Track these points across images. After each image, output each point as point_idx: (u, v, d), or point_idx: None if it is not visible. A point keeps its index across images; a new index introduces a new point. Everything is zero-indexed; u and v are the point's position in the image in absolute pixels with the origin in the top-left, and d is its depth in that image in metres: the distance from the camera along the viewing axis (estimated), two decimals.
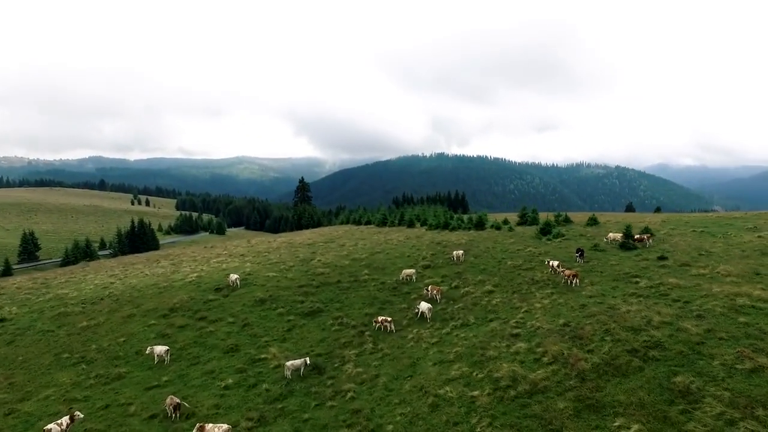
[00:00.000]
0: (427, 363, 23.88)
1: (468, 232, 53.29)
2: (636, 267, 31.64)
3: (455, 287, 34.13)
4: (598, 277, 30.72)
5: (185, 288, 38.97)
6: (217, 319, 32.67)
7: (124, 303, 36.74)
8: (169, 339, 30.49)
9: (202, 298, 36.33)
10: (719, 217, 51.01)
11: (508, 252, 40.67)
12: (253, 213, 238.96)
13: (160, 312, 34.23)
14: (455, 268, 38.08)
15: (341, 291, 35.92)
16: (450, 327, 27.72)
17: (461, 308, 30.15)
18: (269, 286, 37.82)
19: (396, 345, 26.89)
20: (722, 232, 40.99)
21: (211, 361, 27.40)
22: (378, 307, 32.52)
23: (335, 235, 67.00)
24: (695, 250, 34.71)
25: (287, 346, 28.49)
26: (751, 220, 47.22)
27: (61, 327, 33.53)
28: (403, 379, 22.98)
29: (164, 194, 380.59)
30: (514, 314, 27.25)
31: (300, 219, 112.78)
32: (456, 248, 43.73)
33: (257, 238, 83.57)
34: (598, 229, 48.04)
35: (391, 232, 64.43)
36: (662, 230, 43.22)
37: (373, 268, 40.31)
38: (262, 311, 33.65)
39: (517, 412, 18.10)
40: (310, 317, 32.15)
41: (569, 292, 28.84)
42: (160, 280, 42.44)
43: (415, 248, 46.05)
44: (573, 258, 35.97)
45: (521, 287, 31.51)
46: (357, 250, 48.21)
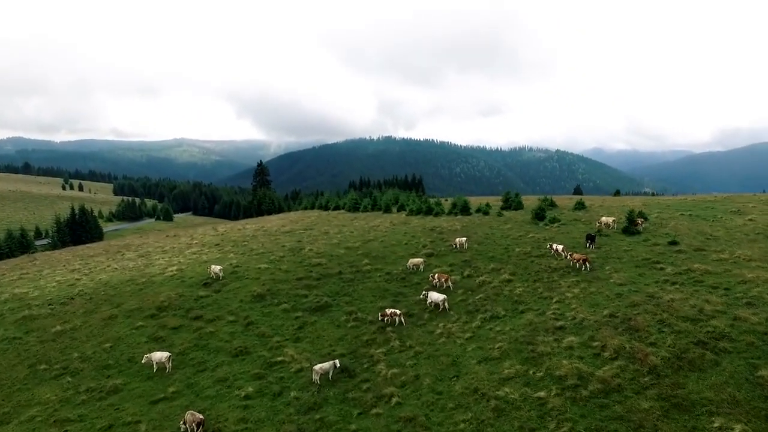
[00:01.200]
0: (469, 361, 22.41)
1: (456, 218, 52.23)
2: (651, 252, 31.61)
3: (468, 276, 32.85)
4: (618, 264, 30.38)
5: (168, 283, 35.32)
6: (214, 318, 29.66)
7: (100, 302, 32.72)
8: (164, 343, 27.27)
9: (191, 294, 32.98)
10: (695, 201, 52.76)
11: (510, 238, 39.87)
12: (200, 198, 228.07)
13: (147, 312, 30.68)
14: (461, 256, 36.79)
15: (345, 283, 33.72)
16: (479, 320, 26.40)
17: (483, 299, 28.89)
18: (264, 279, 34.95)
19: (425, 341, 25.25)
20: (710, 216, 42.21)
21: (220, 367, 24.62)
22: (391, 300, 30.69)
23: (310, 222, 64.11)
24: (698, 234, 35.27)
25: (304, 347, 26.14)
26: (725, 202, 49.15)
27: (30, 333, 29.29)
28: (449, 379, 21.40)
29: (99, 178, 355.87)
30: (546, 305, 26.30)
31: (260, 204, 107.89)
32: (454, 235, 42.52)
33: (222, 225, 78.80)
34: (588, 213, 48.38)
35: (370, 218, 62.33)
36: (651, 214, 43.90)
37: (372, 257, 38.28)
38: (264, 308, 30.92)
39: (596, 414, 17.00)
40: (319, 313, 29.82)
41: (596, 280, 28.24)
42: (136, 275, 38.34)
43: (409, 235, 44.37)
44: (579, 243, 35.62)
45: (541, 275, 30.67)
46: (347, 238, 45.89)
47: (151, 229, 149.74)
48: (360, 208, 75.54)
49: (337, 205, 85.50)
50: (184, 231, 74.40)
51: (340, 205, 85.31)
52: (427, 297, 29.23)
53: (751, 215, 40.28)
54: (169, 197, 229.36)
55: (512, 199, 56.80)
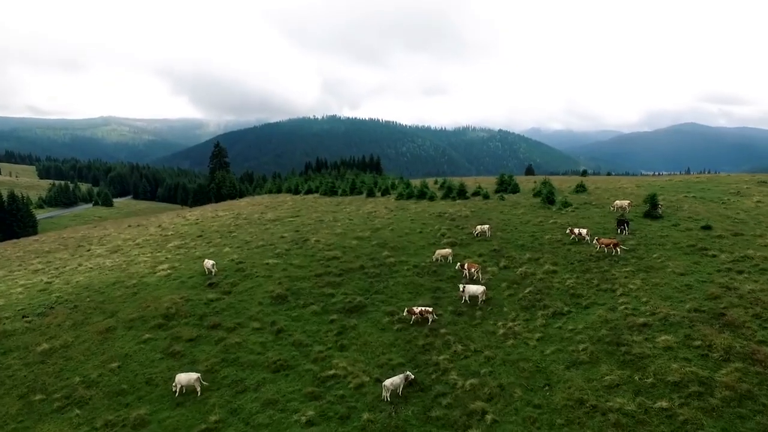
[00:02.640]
0: (556, 366, 20.49)
1: (455, 202, 50.26)
2: (690, 238, 30.99)
3: (505, 267, 30.93)
4: (664, 251, 29.49)
5: (165, 285, 30.90)
6: (235, 326, 25.97)
7: (89, 311, 27.94)
8: (184, 358, 23.44)
9: (198, 297, 28.90)
10: (684, 182, 53.71)
11: (531, 224, 38.35)
12: (141, 181, 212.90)
13: (151, 321, 26.42)
14: (487, 244, 34.79)
15: (373, 279, 30.82)
16: (541, 317, 24.57)
17: (534, 293, 27.08)
18: (278, 277, 31.35)
19: (491, 344, 23.10)
20: (714, 198, 42.72)
21: (263, 386, 21.29)
22: (431, 297, 28.22)
23: (290, 208, 59.98)
24: (721, 217, 35.23)
25: (354, 356, 23.22)
26: (713, 183, 50.28)
27: (8, 354, 24.33)
28: (541, 389, 19.39)
29: (18, 160, 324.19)
30: (611, 298, 24.84)
31: (219, 188, 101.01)
32: (467, 221, 40.53)
33: (188, 212, 72.43)
34: (591, 196, 47.88)
35: (356, 203, 59.16)
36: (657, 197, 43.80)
37: (390, 248, 35.47)
38: (290, 311, 27.52)
39: (739, 427, 15.49)
40: (355, 315, 26.86)
41: (652, 270, 27.11)
42: (121, 276, 33.38)
43: (419, 222, 41.83)
44: (603, 228, 34.63)
45: (587, 265, 29.25)
46: (350, 226, 42.67)
47: (90, 216, 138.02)
48: (338, 192, 72.04)
49: (310, 189, 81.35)
50: (146, 219, 67.75)
51: (312, 189, 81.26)
52: (463, 291, 27.02)
53: (756, 197, 41.10)
54: (104, 180, 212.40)
55: (507, 182, 55.60)
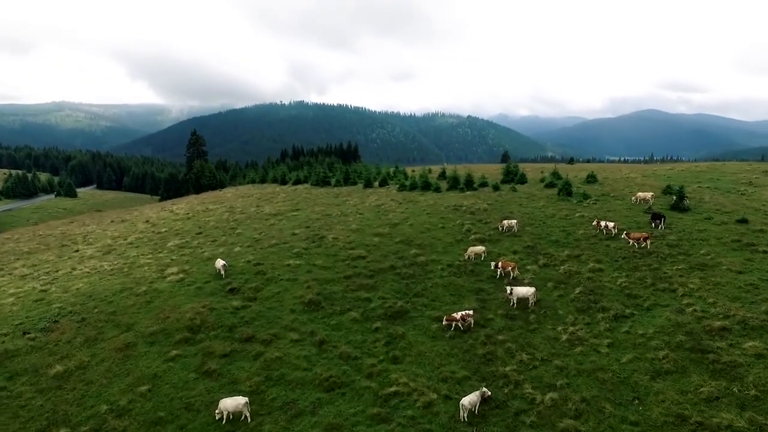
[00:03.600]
0: (639, 376, 19.22)
1: (464, 194, 48.67)
2: (730, 232, 30.37)
3: (545, 266, 29.58)
4: (709, 247, 28.69)
5: (181, 292, 28.12)
6: (271, 338, 23.64)
7: (100, 324, 24.99)
8: (222, 378, 21.06)
9: (221, 305, 26.33)
10: (690, 171, 53.81)
11: (557, 218, 37.15)
12: (105, 170, 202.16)
13: (175, 334, 23.78)
14: (518, 240, 33.38)
15: (408, 280, 28.93)
16: (602, 320, 23.34)
17: (585, 293, 25.82)
18: (304, 279, 29.03)
19: (557, 351, 21.70)
20: (730, 189, 42.60)
21: (321, 409, 19.22)
22: (475, 299, 26.58)
23: (287, 200, 57.18)
24: (750, 210, 34.89)
25: (412, 369, 21.36)
26: (718, 172, 50.47)
27: (16, 380, 21.30)
28: (631, 403, 18.08)
29: None
30: (673, 299, 23.79)
31: (198, 178, 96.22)
32: (487, 215, 39.03)
33: (173, 205, 68.03)
34: (603, 187, 47.12)
35: (355, 194, 56.88)
36: None
37: (416, 245, 33.59)
38: (326, 318, 25.36)
39: None
40: (400, 321, 24.96)
41: (706, 267, 26.25)
42: (126, 281, 30.26)
43: (437, 216, 40.03)
44: (631, 222, 33.75)
45: (634, 263, 28.17)
46: (364, 221, 40.47)
47: (54, 208, 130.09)
48: (331, 183, 69.44)
49: (299, 179, 78.23)
50: (128, 213, 63.38)
51: (301, 179, 78.22)
52: (511, 293, 25.52)
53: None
54: (65, 170, 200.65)
55: (513, 172, 54.34)
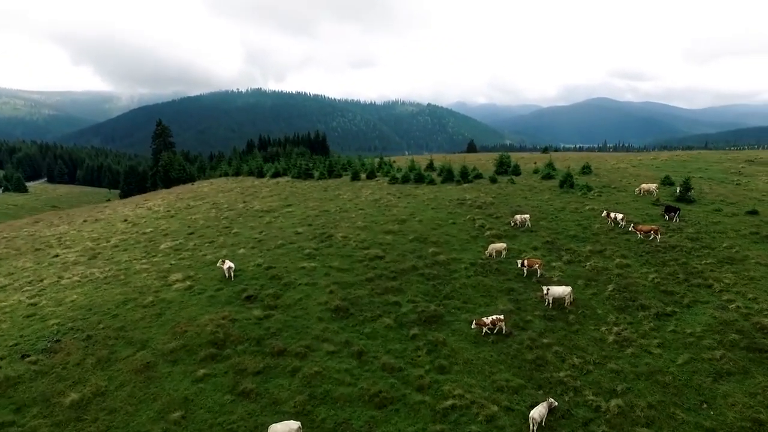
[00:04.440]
0: (700, 378, 18.92)
1: (460, 186, 47.90)
2: (745, 224, 30.82)
3: (570, 262, 29.14)
4: (729, 240, 28.97)
5: (192, 302, 25.95)
6: (304, 351, 22.03)
7: (110, 342, 22.60)
8: (262, 399, 19.38)
9: (243, 316, 24.41)
10: (669, 160, 54.99)
11: (567, 211, 36.92)
12: (56, 162, 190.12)
13: (199, 351, 21.78)
14: (535, 236, 32.85)
15: (433, 281, 27.82)
16: (644, 319, 23.14)
17: (618, 290, 25.54)
18: (324, 284, 27.42)
19: (607, 353, 21.22)
20: (724, 179, 43.61)
21: (377, 428, 17.93)
22: (508, 300, 25.80)
23: (273, 195, 54.88)
24: (752, 201, 35.66)
25: (463, 380, 20.33)
26: (703, 161, 51.81)
27: (26, 410, 18.84)
28: (699, 408, 17.71)
29: None
30: (711, 296, 23.81)
31: (167, 171, 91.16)
32: (492, 209, 38.39)
33: (149, 201, 63.90)
34: (600, 178, 47.38)
35: (345, 187, 55.20)
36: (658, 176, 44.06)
37: (432, 243, 32.50)
38: (358, 326, 23.95)
39: None
40: (436, 326, 23.86)
41: (735, 262, 26.48)
42: (128, 291, 27.67)
43: (444, 211, 39.04)
44: (640, 215, 33.87)
45: (661, 258, 28.12)
46: (368, 218, 38.96)
47: (3, 204, 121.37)
48: (314, 176, 67.28)
49: (277, 172, 75.47)
50: (100, 211, 59.09)
51: (280, 171, 75.54)
52: (547, 293, 24.90)
53: (762, 177, 42.40)
54: (11, 163, 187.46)
55: (507, 163, 53.93)
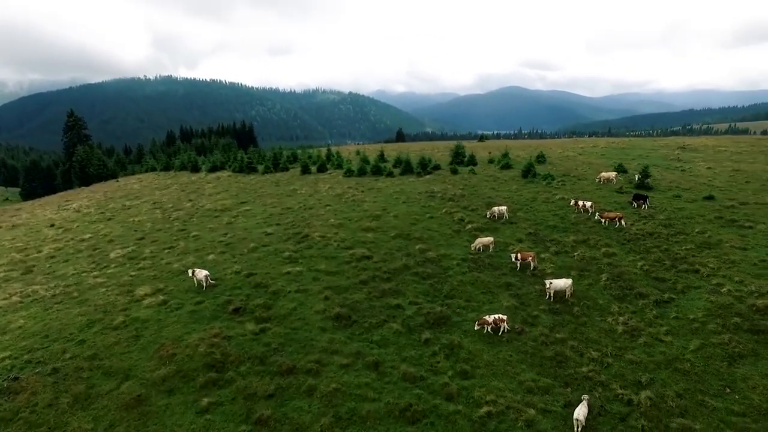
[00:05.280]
0: (716, 363, 19.69)
1: (422, 179, 47.33)
2: (707, 209, 32.88)
3: (557, 253, 29.45)
4: (699, 225, 30.72)
5: (172, 319, 23.00)
6: (315, 367, 20.22)
7: (83, 374, 19.28)
8: (283, 426, 17.44)
9: (236, 331, 22.01)
10: (607, 148, 58.11)
11: (539, 201, 37.54)
12: None
13: (197, 377, 19.24)
14: (516, 228, 32.93)
15: (429, 280, 26.89)
16: (645, 307, 23.74)
17: (613, 279, 26.21)
18: (317, 290, 25.56)
19: (622, 345, 21.58)
20: (665, 165, 46.59)
21: None
22: (509, 295, 25.54)
23: (220, 191, 51.25)
24: (701, 186, 38.24)
25: (492, 384, 19.63)
26: (640, 148, 55.28)
27: None
28: (725, 393, 18.32)
29: None
30: (700, 280, 25.03)
31: (84, 167, 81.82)
32: (465, 200, 38.29)
33: (72, 202, 56.60)
34: (556, 167, 48.84)
35: (298, 182, 52.91)
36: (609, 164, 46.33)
37: (416, 239, 31.55)
38: (365, 334, 22.48)
39: None
40: (446, 329, 22.99)
41: (713, 246, 27.93)
42: (88, 310, 23.89)
43: (418, 205, 38.17)
44: (605, 202, 35.22)
45: (642, 245, 29.25)
46: (338, 214, 37.17)
47: None
48: (258, 169, 63.78)
49: (215, 166, 70.65)
50: (12, 216, 51.48)
51: (218, 165, 70.84)
52: (550, 286, 24.98)
53: (699, 163, 45.84)
54: None
55: (462, 153, 54.05)
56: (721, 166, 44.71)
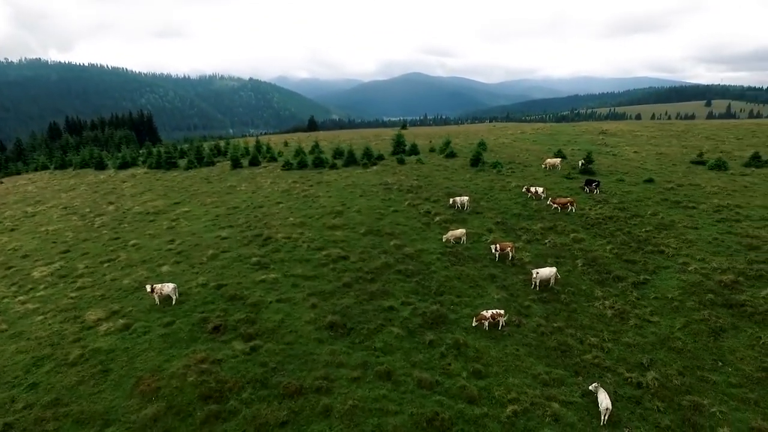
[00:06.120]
0: (702, 339, 21.15)
1: (370, 170, 46.32)
2: (652, 191, 35.55)
3: (530, 241, 30.25)
4: (650, 207, 32.99)
5: (141, 345, 20.06)
6: (325, 384, 18.68)
7: (46, 425, 16.07)
8: None
9: (223, 353, 19.74)
10: (536, 133, 61.15)
11: (497, 190, 38.27)
12: None
13: (194, 411, 16.84)
14: (484, 218, 33.24)
15: (414, 278, 26.19)
16: (626, 290, 25.12)
17: (589, 265, 27.39)
18: (300, 297, 23.81)
19: (616, 329, 22.57)
20: (597, 150, 49.82)
21: None
22: (496, 288, 25.67)
23: (144, 191, 46.52)
24: (635, 170, 41.31)
25: (508, 381, 19.43)
26: (565, 133, 58.85)
27: None
28: (719, 367, 19.75)
29: None
30: (667, 260, 26.90)
31: None
32: (422, 191, 38.08)
33: None
34: (495, 154, 50.17)
35: (233, 177, 49.75)
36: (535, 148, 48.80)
37: (387, 235, 30.67)
38: (366, 341, 21.27)
39: None
40: (446, 328, 22.52)
41: (669, 227, 30.20)
42: (32, 345, 19.96)
43: (378, 198, 37.21)
44: (557, 189, 36.97)
45: (604, 229, 30.94)
46: (295, 212, 35.05)
47: None
48: (180, 165, 58.71)
49: (126, 162, 63.90)
50: None
51: (129, 161, 64.23)
52: (536, 276, 25.53)
53: (625, 147, 49.59)
54: None
55: (403, 143, 53.63)
56: (644, 150, 48.86)
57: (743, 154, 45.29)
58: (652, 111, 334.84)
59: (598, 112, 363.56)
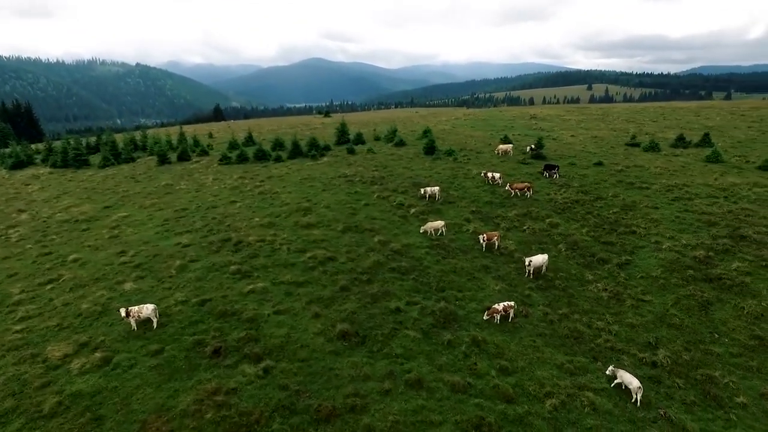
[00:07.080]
0: (694, 314, 22.59)
1: (319, 161, 44.31)
2: (605, 174, 37.59)
3: (509, 229, 30.62)
4: (611, 189, 34.80)
5: (132, 382, 17.15)
6: (357, 403, 17.36)
7: None
8: None
9: (237, 380, 17.52)
10: (469, 119, 62.49)
11: (460, 179, 38.28)
12: None
13: None
14: (459, 208, 33.03)
15: (410, 275, 25.29)
16: (613, 271, 26.28)
17: (571, 249, 28.36)
18: (299, 307, 21.94)
19: (616, 311, 23.50)
20: (534, 135, 51.85)
21: None
22: (493, 279, 25.63)
23: (59, 194, 40.82)
24: (583, 153, 43.53)
25: (536, 374, 19.38)
26: (500, 118, 60.77)
27: None
28: (716, 339, 21.26)
29: None
30: (641, 239, 28.51)
31: None
32: (387, 183, 37.24)
33: None
34: (445, 142, 50.31)
35: (164, 174, 45.22)
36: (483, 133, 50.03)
37: (367, 231, 29.37)
38: (385, 349, 20.10)
39: None
40: (458, 326, 21.98)
41: (633, 208, 32.02)
42: (4, 391, 16.34)
43: (344, 192, 35.49)
44: (514, 175, 38.06)
45: (574, 213, 32.10)
46: (262, 211, 32.37)
47: None
48: (93, 162, 52.11)
49: (20, 160, 55.33)
50: None
51: (24, 159, 55.83)
52: (530, 264, 25.87)
53: (562, 132, 52.06)
54: None
55: (347, 132, 51.81)
56: (578, 133, 51.78)
57: (665, 135, 49.70)
58: (543, 94, 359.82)
59: (495, 96, 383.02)
